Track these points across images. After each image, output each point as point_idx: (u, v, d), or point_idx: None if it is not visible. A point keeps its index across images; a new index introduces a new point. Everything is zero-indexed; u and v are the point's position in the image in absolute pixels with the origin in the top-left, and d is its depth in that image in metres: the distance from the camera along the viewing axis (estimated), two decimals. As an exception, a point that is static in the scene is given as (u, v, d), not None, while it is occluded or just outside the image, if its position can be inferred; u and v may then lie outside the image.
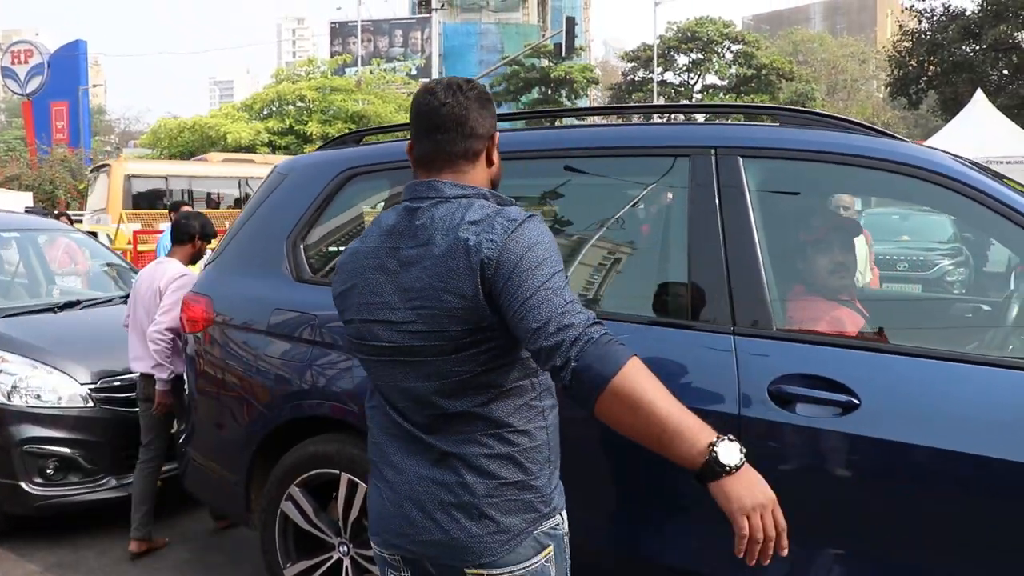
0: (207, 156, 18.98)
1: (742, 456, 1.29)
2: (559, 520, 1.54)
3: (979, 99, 12.30)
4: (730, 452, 1.28)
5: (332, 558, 2.53)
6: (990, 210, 2.00)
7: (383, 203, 2.88)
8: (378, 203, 2.97)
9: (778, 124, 2.38)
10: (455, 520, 1.45)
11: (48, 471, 3.54)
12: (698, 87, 39.41)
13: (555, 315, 1.32)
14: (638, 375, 1.30)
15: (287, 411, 2.63)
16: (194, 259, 3.75)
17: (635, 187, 2.48)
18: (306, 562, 2.58)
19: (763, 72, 36.56)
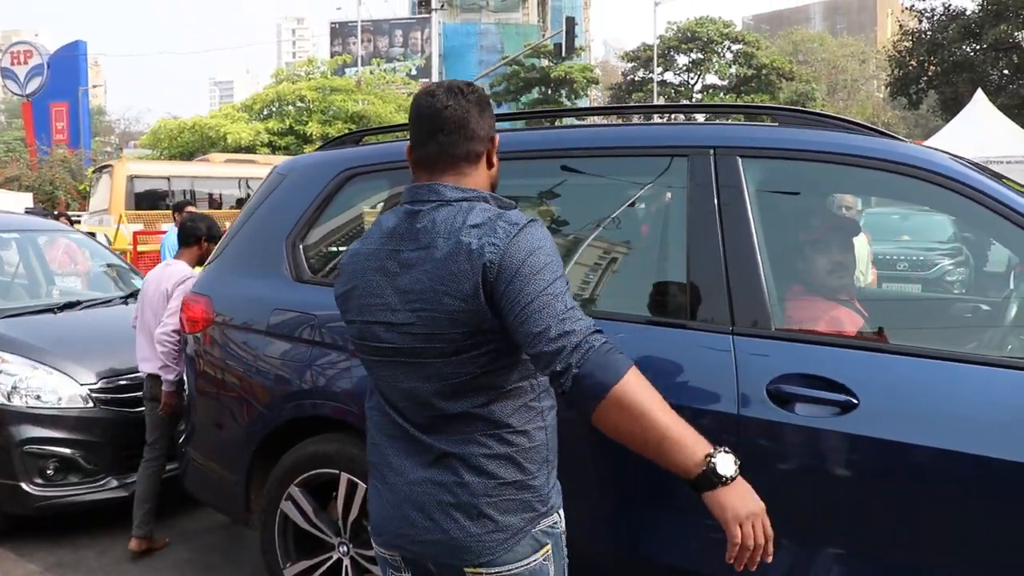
0: (209, 157, 18.99)
1: (737, 467, 1.33)
2: (557, 518, 1.55)
3: (979, 99, 12.29)
4: (726, 463, 1.32)
5: (332, 558, 2.53)
6: (989, 210, 2.01)
7: (382, 203, 2.88)
8: (378, 203, 2.97)
9: (777, 124, 2.38)
10: (454, 520, 1.47)
11: (48, 471, 3.54)
12: (698, 87, 39.42)
13: (556, 321, 1.34)
14: (638, 385, 1.33)
15: (287, 411, 2.63)
16: (201, 261, 3.76)
17: (634, 187, 2.48)
18: (306, 562, 2.58)
19: (763, 72, 36.57)
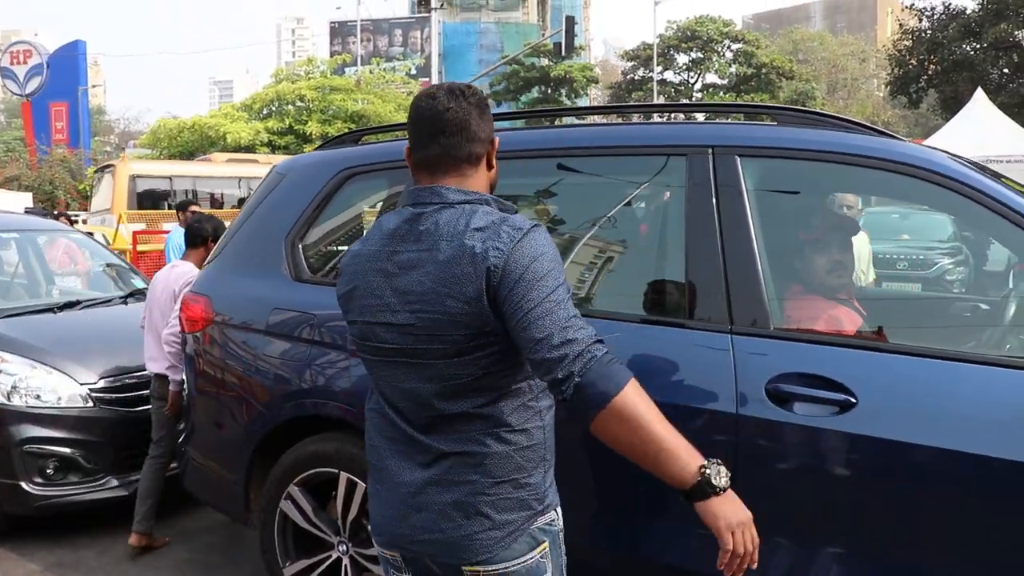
0: (211, 156, 18.96)
1: (728, 478, 1.37)
2: (554, 516, 1.56)
3: (979, 98, 12.28)
4: (720, 475, 1.36)
5: (331, 557, 2.54)
6: (988, 209, 2.01)
7: (381, 203, 2.88)
8: (377, 203, 2.97)
9: (776, 123, 2.38)
10: (451, 519, 1.48)
11: (48, 471, 3.55)
12: (698, 86, 39.40)
13: (559, 328, 1.35)
14: (638, 396, 1.36)
15: (286, 410, 2.64)
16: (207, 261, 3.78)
17: (633, 186, 2.48)
18: (305, 561, 2.59)
19: (763, 71, 36.55)
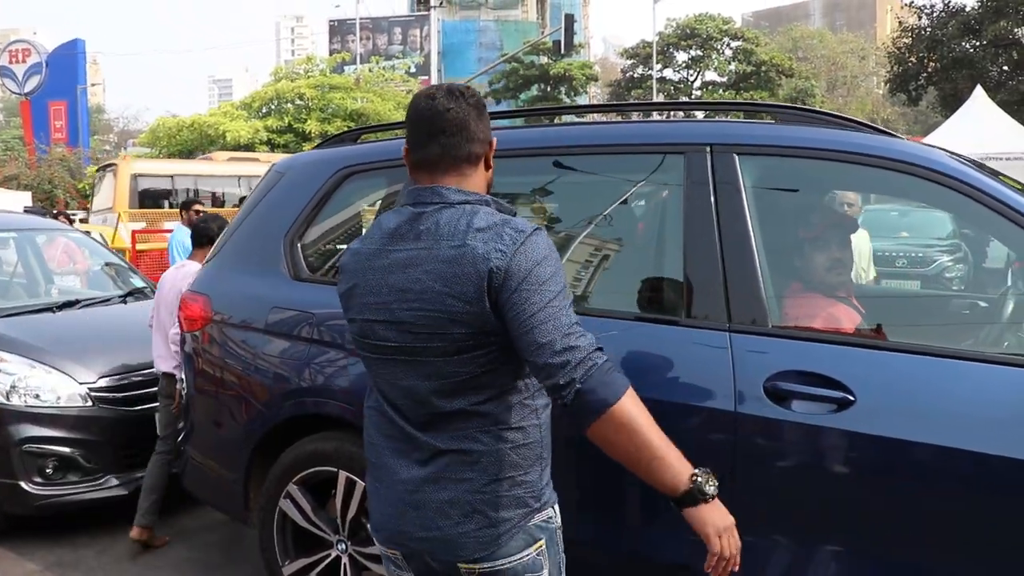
0: (212, 155, 18.93)
1: (716, 487, 1.43)
2: (551, 513, 1.57)
3: (979, 95, 12.26)
4: (709, 483, 1.41)
5: (330, 556, 2.54)
6: (986, 207, 2.01)
7: (380, 201, 2.88)
8: (376, 201, 2.97)
9: (774, 121, 2.38)
10: (448, 516, 1.49)
11: (47, 470, 3.55)
12: (697, 84, 39.38)
13: (561, 335, 1.38)
14: (635, 405, 1.39)
15: (285, 409, 2.64)
16: None
17: (631, 185, 2.48)
18: (304, 560, 2.59)
19: (762, 69, 36.53)
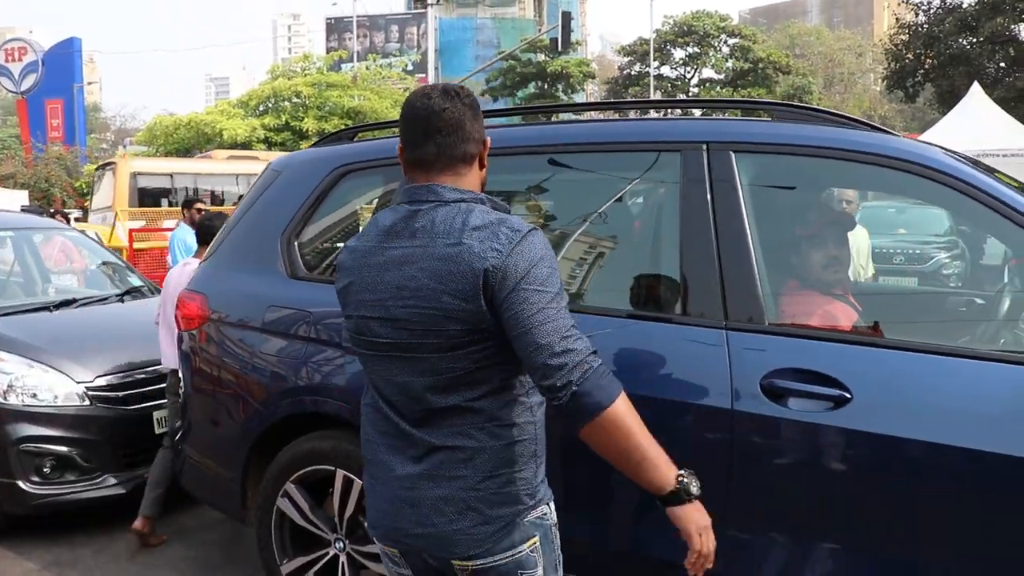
0: (211, 153, 18.89)
1: (699, 488, 1.48)
2: (546, 510, 1.58)
3: (976, 92, 12.29)
4: (693, 484, 1.47)
5: (328, 554, 2.54)
6: (982, 204, 2.01)
7: (377, 200, 2.88)
8: (372, 200, 2.97)
9: (771, 119, 2.39)
10: (443, 513, 1.50)
11: (45, 470, 3.54)
12: (695, 81, 39.37)
13: (559, 337, 1.40)
14: (628, 408, 1.43)
15: (283, 408, 2.63)
16: None
17: (627, 183, 2.48)
18: (302, 558, 2.59)
19: (760, 66, 36.54)
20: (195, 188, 15.78)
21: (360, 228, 1.68)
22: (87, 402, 3.64)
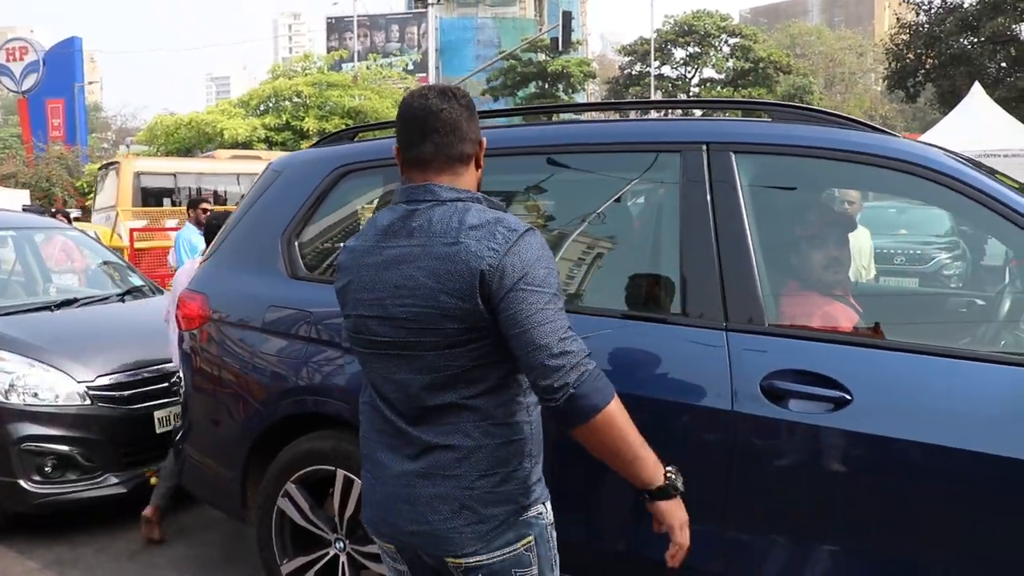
0: (214, 153, 18.90)
1: (683, 482, 1.53)
2: (542, 509, 1.59)
3: (977, 92, 12.27)
4: (679, 480, 1.53)
5: (328, 554, 2.55)
6: (982, 206, 2.01)
7: (377, 200, 2.88)
8: (373, 200, 2.97)
9: (771, 119, 2.39)
10: (438, 511, 1.51)
11: (46, 469, 3.55)
12: (695, 81, 39.36)
13: (557, 339, 1.41)
14: (620, 409, 1.46)
15: (283, 408, 2.64)
16: None
17: (627, 183, 2.48)
18: (302, 558, 2.59)
19: (760, 66, 36.53)
20: (198, 188, 15.78)
21: (361, 228, 1.69)
22: (88, 401, 3.65)
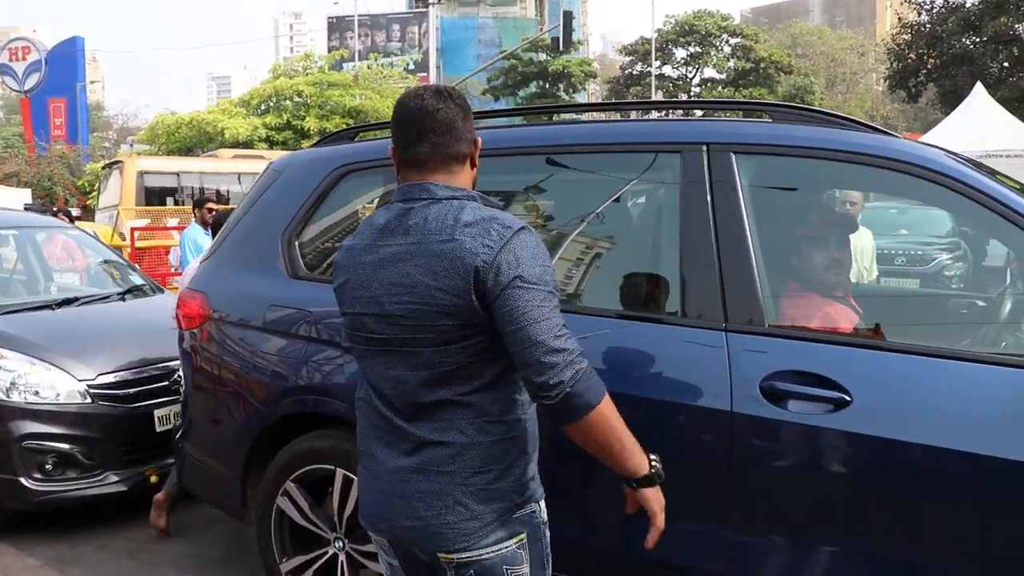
0: (217, 152, 18.92)
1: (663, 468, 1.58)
2: (536, 508, 1.60)
3: (979, 92, 12.26)
4: (662, 467, 1.57)
5: (328, 553, 2.55)
6: (983, 207, 2.01)
7: (378, 200, 2.88)
8: (373, 199, 2.97)
9: (771, 120, 2.39)
10: (431, 507, 1.52)
11: (47, 467, 3.55)
12: (696, 81, 39.35)
13: (551, 336, 1.42)
14: (611, 406, 1.49)
15: (283, 407, 2.64)
16: None
17: (627, 183, 2.48)
18: (302, 557, 2.60)
19: (761, 66, 36.51)
20: (201, 187, 15.80)
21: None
22: (89, 400, 3.65)
